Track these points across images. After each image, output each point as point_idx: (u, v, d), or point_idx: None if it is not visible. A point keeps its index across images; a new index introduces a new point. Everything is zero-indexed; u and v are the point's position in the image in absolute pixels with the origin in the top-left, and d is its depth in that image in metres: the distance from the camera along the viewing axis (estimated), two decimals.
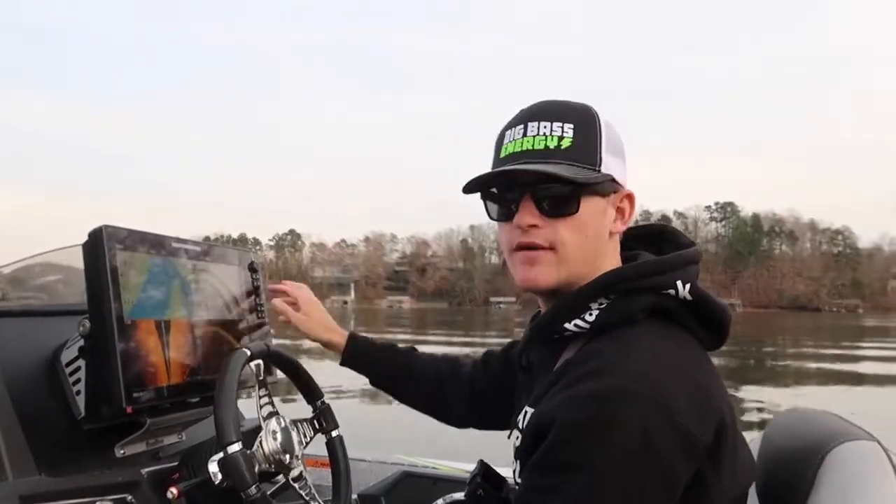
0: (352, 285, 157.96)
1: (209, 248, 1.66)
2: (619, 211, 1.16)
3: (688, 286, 1.06)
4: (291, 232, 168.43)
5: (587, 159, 1.09)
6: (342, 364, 1.67)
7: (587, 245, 1.11)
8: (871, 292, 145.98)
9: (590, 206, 1.10)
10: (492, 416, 1.56)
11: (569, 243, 1.10)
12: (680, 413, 0.94)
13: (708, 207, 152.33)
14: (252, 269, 1.78)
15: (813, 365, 19.74)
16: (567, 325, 1.09)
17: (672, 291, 1.06)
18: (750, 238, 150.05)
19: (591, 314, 1.07)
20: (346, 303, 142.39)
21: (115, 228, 1.41)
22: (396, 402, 1.70)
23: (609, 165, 1.11)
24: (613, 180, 1.12)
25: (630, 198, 1.16)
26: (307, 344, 1.76)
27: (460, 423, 1.65)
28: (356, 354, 1.66)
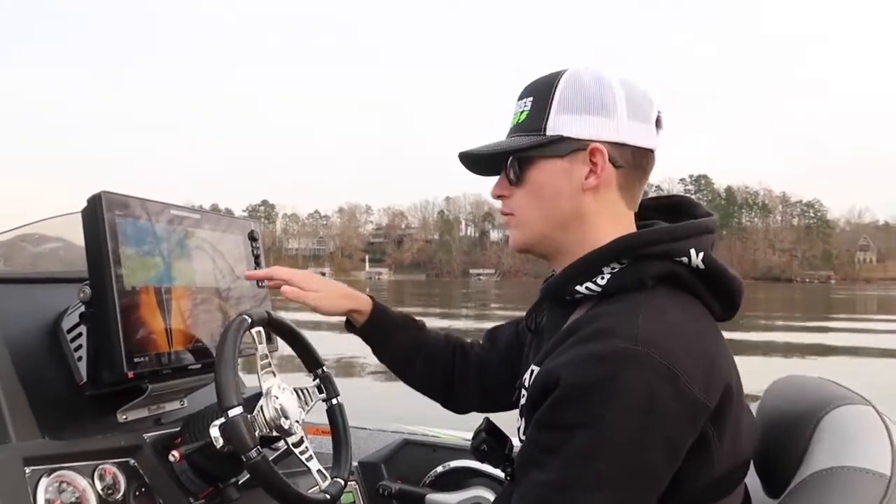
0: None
1: (209, 216, 1.66)
2: (594, 165, 1.12)
3: (701, 255, 1.06)
4: (265, 202, 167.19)
5: (532, 127, 1.14)
6: (361, 331, 1.53)
7: (544, 207, 1.15)
8: (841, 263, 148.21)
9: (543, 170, 1.14)
10: (494, 394, 1.51)
11: (522, 207, 1.18)
12: (686, 377, 0.95)
13: (682, 180, 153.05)
14: (252, 237, 1.77)
15: None
16: (578, 288, 1.10)
17: (685, 259, 1.06)
18: (724, 210, 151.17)
19: (602, 278, 1.08)
20: (323, 274, 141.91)
21: (114, 195, 1.41)
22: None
23: (558, 126, 1.11)
24: (570, 139, 1.11)
25: (599, 151, 1.11)
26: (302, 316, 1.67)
27: (465, 405, 1.58)
28: (378, 324, 1.53)
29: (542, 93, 1.14)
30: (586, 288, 1.09)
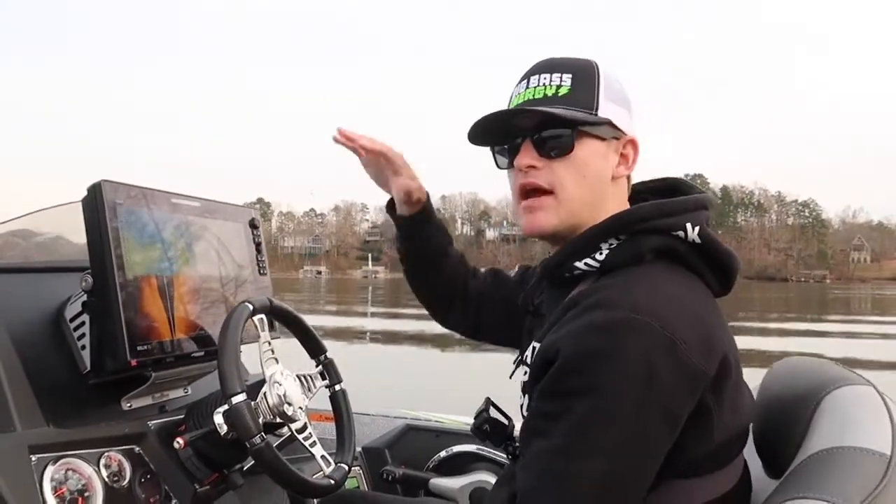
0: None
1: (210, 205, 1.67)
2: (623, 157, 1.18)
3: (696, 229, 1.08)
4: (260, 200, 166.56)
5: (583, 104, 1.13)
6: (408, 219, 1.55)
7: (586, 187, 1.14)
8: (836, 263, 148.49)
9: (587, 149, 1.13)
10: (482, 328, 1.59)
11: (567, 185, 1.13)
12: (684, 346, 0.96)
13: None
14: (253, 225, 1.78)
15: None
16: (577, 264, 1.12)
17: (681, 234, 1.08)
18: (719, 210, 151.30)
19: (601, 253, 1.10)
20: (319, 273, 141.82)
21: (115, 184, 1.41)
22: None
23: (607, 111, 1.14)
24: (612, 125, 1.15)
25: (633, 144, 1.18)
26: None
27: (455, 325, 1.63)
28: (423, 221, 1.55)
29: (583, 73, 1.15)
30: (585, 264, 1.11)
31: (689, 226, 1.08)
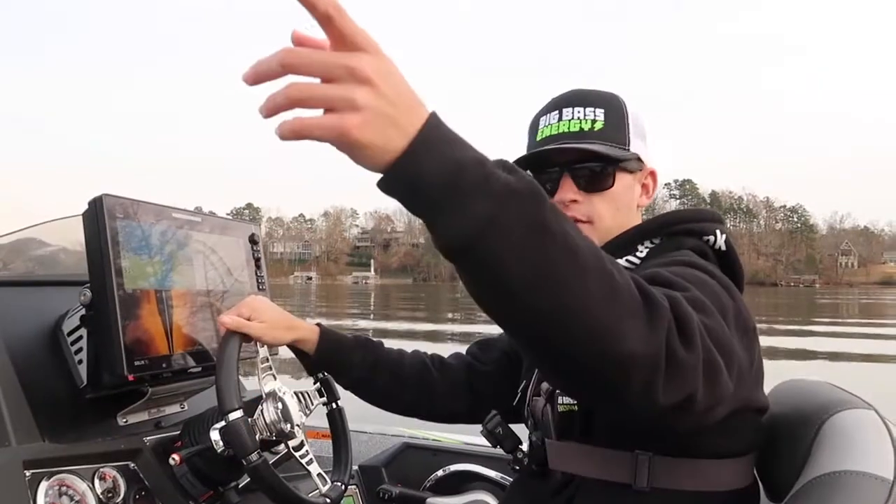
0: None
1: (211, 220, 1.66)
2: (644, 187, 1.27)
3: (724, 237, 1.16)
4: (249, 206, 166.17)
5: (617, 139, 1.20)
6: (314, 369, 1.54)
7: (619, 217, 1.22)
8: (824, 268, 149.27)
9: (622, 182, 1.21)
10: (483, 403, 1.49)
11: (605, 216, 1.21)
12: (742, 301, 1.03)
13: (667, 185, 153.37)
14: (252, 240, 1.78)
15: None
16: (618, 261, 1.14)
17: (711, 239, 1.16)
18: None
19: (640, 252, 1.17)
20: (309, 279, 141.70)
21: (115, 198, 1.40)
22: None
23: (636, 145, 1.22)
24: (639, 159, 1.23)
25: (653, 175, 1.28)
26: None
27: (448, 416, 1.58)
28: (330, 352, 1.51)
29: (614, 109, 1.22)
30: (626, 261, 1.17)
31: (718, 233, 1.16)
